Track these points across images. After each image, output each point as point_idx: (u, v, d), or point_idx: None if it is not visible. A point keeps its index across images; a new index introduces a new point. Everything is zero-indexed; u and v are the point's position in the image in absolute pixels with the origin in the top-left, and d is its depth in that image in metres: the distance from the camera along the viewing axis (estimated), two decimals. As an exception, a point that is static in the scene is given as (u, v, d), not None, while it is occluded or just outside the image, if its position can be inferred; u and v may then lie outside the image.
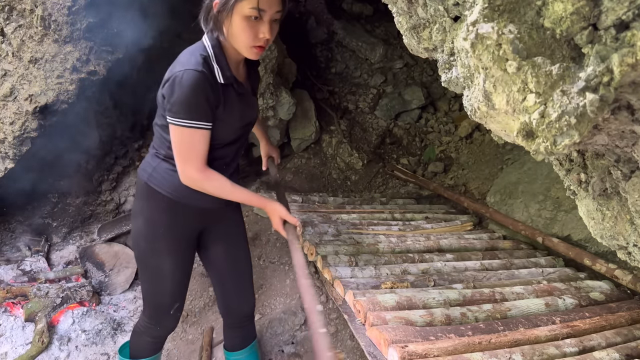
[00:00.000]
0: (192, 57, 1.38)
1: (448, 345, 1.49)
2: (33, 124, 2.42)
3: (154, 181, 1.53)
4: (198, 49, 1.42)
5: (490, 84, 0.88)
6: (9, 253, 2.80)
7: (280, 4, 1.36)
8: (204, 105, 1.36)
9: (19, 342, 2.31)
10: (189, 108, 1.34)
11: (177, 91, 1.33)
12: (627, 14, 0.69)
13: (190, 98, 1.33)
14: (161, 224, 1.57)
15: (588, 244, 2.40)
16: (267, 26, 1.35)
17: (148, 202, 1.57)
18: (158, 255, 1.61)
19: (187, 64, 1.35)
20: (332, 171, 3.84)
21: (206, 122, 1.38)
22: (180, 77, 1.33)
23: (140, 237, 1.61)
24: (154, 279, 1.65)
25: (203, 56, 1.38)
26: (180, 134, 1.38)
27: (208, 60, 1.39)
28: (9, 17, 2.27)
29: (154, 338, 1.77)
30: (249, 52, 1.40)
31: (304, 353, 2.28)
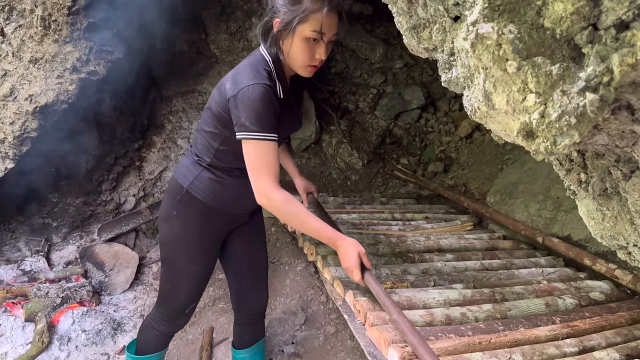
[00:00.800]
0: (257, 72, 1.40)
1: (448, 345, 1.49)
2: (33, 124, 2.42)
3: (195, 189, 1.56)
4: (261, 62, 1.44)
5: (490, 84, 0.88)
6: (9, 253, 2.80)
7: (337, 27, 1.40)
8: (273, 117, 1.38)
9: (19, 342, 2.31)
10: (262, 121, 1.35)
11: (249, 105, 1.35)
12: (627, 14, 0.69)
13: (262, 111, 1.35)
14: (197, 229, 1.61)
15: (588, 244, 2.40)
16: (324, 47, 1.40)
17: (187, 208, 1.59)
18: (190, 258, 1.64)
19: (254, 79, 1.38)
20: (332, 171, 3.84)
21: (275, 134, 1.39)
22: (250, 91, 1.36)
23: (174, 240, 1.63)
24: (179, 279, 1.68)
25: (267, 71, 1.42)
26: (254, 148, 1.37)
27: (272, 75, 1.43)
28: (9, 17, 2.27)
29: (163, 333, 1.79)
30: (303, 71, 1.46)
31: (304, 353, 2.28)
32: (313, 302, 2.52)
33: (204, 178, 1.56)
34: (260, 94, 1.35)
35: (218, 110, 1.46)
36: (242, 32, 3.29)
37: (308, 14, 1.32)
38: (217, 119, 1.47)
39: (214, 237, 1.69)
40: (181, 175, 1.60)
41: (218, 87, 1.49)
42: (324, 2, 1.32)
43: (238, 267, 1.85)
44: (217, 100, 1.47)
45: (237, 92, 1.37)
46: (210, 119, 1.51)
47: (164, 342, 1.83)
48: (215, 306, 2.63)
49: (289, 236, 2.93)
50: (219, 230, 1.69)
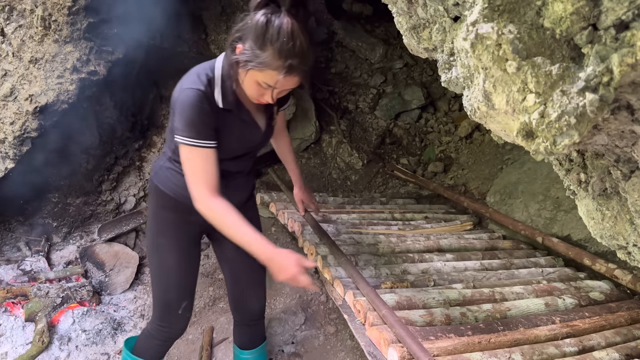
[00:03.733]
0: (198, 76, 1.38)
1: (448, 345, 1.49)
2: (33, 124, 2.42)
3: (157, 179, 1.59)
4: (206, 68, 1.41)
5: (490, 84, 0.88)
6: (9, 253, 2.80)
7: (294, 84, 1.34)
8: (206, 123, 1.35)
9: (19, 342, 2.31)
10: (192, 127, 1.33)
11: (179, 110, 1.35)
12: (627, 14, 0.69)
13: (191, 117, 1.33)
14: (164, 221, 1.62)
15: (588, 243, 2.40)
16: (273, 96, 1.35)
17: (154, 199, 1.63)
18: (162, 250, 1.64)
19: (191, 83, 1.36)
20: (332, 171, 3.84)
21: (210, 140, 1.36)
22: (183, 96, 1.35)
23: (148, 232, 1.69)
24: (160, 274, 1.68)
25: (208, 77, 1.38)
26: (187, 154, 1.37)
27: (212, 82, 1.39)
28: (9, 17, 2.27)
29: (163, 341, 1.77)
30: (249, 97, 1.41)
31: (304, 353, 2.28)
32: (313, 302, 2.52)
33: (165, 168, 1.56)
34: (190, 99, 1.32)
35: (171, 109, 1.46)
36: (242, 32, 3.30)
37: (265, 67, 1.25)
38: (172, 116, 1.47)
39: (185, 231, 1.64)
40: (152, 168, 1.68)
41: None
42: (285, 66, 1.23)
43: (233, 267, 1.82)
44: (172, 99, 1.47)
45: (175, 95, 1.38)
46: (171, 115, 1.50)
47: (162, 351, 1.81)
48: (216, 306, 2.63)
49: (289, 236, 2.93)
50: (189, 225, 1.63)
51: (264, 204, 3.04)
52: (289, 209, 2.76)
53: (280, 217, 2.77)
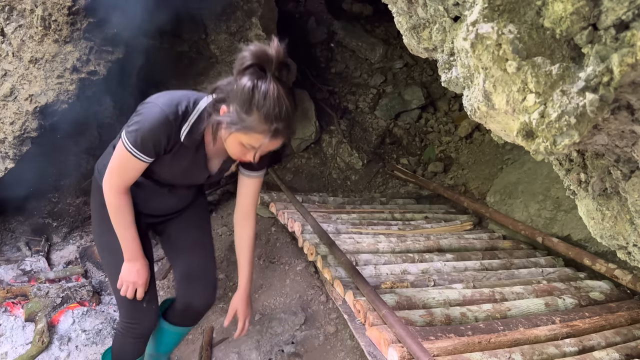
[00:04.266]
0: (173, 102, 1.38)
1: (448, 345, 1.49)
2: (33, 124, 2.42)
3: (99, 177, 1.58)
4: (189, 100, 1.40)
5: (490, 84, 0.88)
6: (9, 253, 2.80)
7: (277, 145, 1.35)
8: (154, 145, 1.37)
9: (19, 342, 2.31)
10: (141, 141, 1.36)
11: (141, 121, 1.36)
12: (627, 14, 0.69)
13: (145, 133, 1.35)
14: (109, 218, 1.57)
15: (588, 243, 2.40)
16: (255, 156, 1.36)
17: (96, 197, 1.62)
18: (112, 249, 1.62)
19: (164, 104, 1.36)
20: (332, 171, 3.84)
21: (147, 156, 1.40)
22: (150, 110, 1.36)
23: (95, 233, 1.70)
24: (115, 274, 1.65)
25: (186, 109, 1.38)
26: (122, 152, 1.40)
27: (185, 115, 1.39)
28: (9, 17, 2.27)
29: (135, 338, 1.75)
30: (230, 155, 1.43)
31: (304, 353, 2.28)
32: (313, 302, 2.52)
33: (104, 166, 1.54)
34: (155, 119, 1.33)
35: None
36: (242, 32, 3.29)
37: (250, 131, 1.26)
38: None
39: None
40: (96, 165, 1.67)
41: None
42: (270, 130, 1.24)
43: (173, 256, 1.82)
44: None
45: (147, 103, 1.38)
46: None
47: (139, 348, 1.79)
48: (215, 306, 2.63)
49: (288, 236, 2.93)
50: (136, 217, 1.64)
51: (264, 204, 3.04)
52: (289, 209, 2.76)
53: (280, 217, 2.77)
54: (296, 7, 4.86)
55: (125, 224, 1.52)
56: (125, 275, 1.59)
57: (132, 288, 1.60)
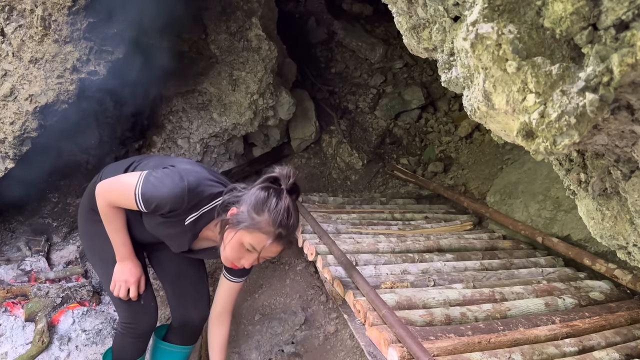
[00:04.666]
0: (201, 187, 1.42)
1: (448, 345, 1.49)
2: (33, 124, 2.42)
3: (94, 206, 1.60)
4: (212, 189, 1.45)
5: (490, 84, 0.88)
6: (9, 253, 2.80)
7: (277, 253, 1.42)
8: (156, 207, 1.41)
9: (19, 342, 2.31)
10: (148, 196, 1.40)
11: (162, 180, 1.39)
12: (627, 14, 0.69)
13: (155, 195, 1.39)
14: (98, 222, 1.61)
15: (588, 243, 2.40)
16: (253, 260, 1.42)
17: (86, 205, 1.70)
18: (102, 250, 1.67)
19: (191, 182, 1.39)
20: (332, 171, 3.84)
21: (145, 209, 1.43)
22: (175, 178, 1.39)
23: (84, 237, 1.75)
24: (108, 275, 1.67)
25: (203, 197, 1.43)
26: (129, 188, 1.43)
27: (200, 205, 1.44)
28: (9, 17, 2.27)
29: (135, 337, 1.76)
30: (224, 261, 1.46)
31: (304, 353, 2.28)
32: (313, 302, 2.52)
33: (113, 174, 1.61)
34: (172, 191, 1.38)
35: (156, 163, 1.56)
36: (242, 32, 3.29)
37: (255, 230, 1.34)
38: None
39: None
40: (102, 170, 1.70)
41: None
42: (275, 233, 1.33)
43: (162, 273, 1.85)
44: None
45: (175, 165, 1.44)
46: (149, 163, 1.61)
47: (140, 347, 1.80)
48: (215, 306, 2.64)
49: (289, 236, 2.93)
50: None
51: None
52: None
53: (280, 217, 2.76)
54: (296, 7, 4.86)
55: (117, 227, 1.55)
56: (117, 275, 1.62)
57: (124, 287, 1.62)
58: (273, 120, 3.48)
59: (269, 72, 3.26)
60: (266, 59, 3.21)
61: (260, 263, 1.47)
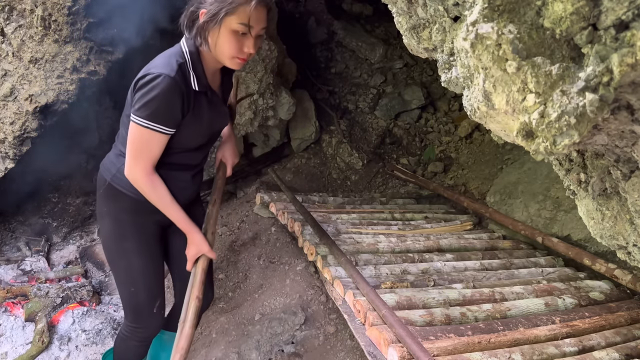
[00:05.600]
0: (168, 62, 1.38)
1: (447, 345, 1.49)
2: (33, 124, 2.42)
3: (117, 181, 1.52)
4: (174, 54, 1.42)
5: (490, 84, 0.88)
6: (9, 253, 2.80)
7: (265, 21, 1.40)
8: (171, 111, 1.37)
9: (19, 342, 2.31)
10: (156, 112, 1.35)
11: (149, 93, 1.34)
12: (627, 14, 0.69)
13: (159, 102, 1.34)
14: (125, 224, 1.57)
15: (588, 243, 2.40)
16: (252, 41, 1.38)
17: (113, 203, 1.56)
18: (128, 255, 1.60)
19: (163, 68, 1.35)
20: (332, 171, 3.84)
21: (168, 127, 1.39)
22: (154, 79, 1.34)
23: (110, 239, 1.60)
24: (128, 279, 1.63)
25: (179, 63, 1.39)
26: (139, 133, 1.38)
27: (184, 67, 1.40)
28: (9, 17, 2.27)
29: (140, 341, 1.74)
30: (231, 63, 1.43)
31: (304, 353, 2.28)
32: (313, 302, 2.52)
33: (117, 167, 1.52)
34: (165, 85, 1.33)
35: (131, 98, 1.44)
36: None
37: (236, 6, 1.31)
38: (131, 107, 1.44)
39: (149, 231, 1.63)
40: (105, 169, 1.56)
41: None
42: None
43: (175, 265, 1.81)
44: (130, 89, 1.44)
45: (143, 77, 1.36)
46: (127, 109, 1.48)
47: (142, 351, 1.78)
48: (215, 306, 2.63)
49: (289, 236, 2.93)
50: (152, 224, 1.63)
51: (264, 204, 3.04)
52: (289, 209, 2.76)
53: (280, 217, 2.77)
54: (296, 7, 4.86)
55: (167, 200, 1.49)
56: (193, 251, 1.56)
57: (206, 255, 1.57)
58: (273, 120, 3.49)
59: (269, 72, 3.26)
60: (266, 59, 3.21)
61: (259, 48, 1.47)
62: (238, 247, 2.97)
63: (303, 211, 2.62)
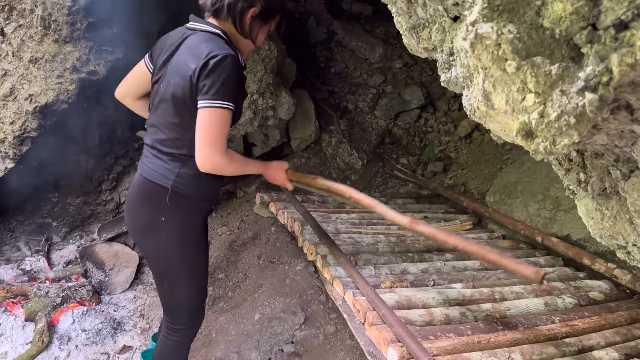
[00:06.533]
0: (220, 44, 1.43)
1: (447, 345, 1.49)
2: (33, 124, 2.42)
3: (180, 186, 1.48)
4: (215, 37, 1.47)
5: (489, 84, 0.88)
6: (9, 253, 2.80)
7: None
8: (236, 87, 1.43)
9: (19, 342, 2.31)
10: (229, 91, 1.38)
11: (222, 74, 1.36)
12: (627, 14, 0.69)
13: (231, 81, 1.38)
14: (191, 225, 1.57)
15: (587, 243, 2.40)
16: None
17: (177, 208, 1.51)
18: (194, 256, 1.61)
19: (223, 49, 1.40)
20: (332, 171, 3.84)
21: (233, 104, 1.42)
22: (223, 60, 1.36)
23: (172, 246, 1.55)
24: (190, 282, 1.62)
25: (226, 42, 1.47)
26: (216, 116, 1.37)
27: (231, 46, 1.48)
28: (9, 17, 2.27)
29: (192, 340, 1.77)
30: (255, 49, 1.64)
31: (304, 353, 2.28)
32: (313, 302, 2.52)
33: (185, 173, 1.48)
34: (233, 65, 1.38)
35: (185, 95, 1.40)
36: (242, 32, 3.30)
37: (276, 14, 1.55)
38: (185, 105, 1.42)
39: (204, 226, 1.69)
40: (160, 178, 1.49)
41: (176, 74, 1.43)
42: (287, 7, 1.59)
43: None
44: (181, 85, 1.40)
45: (205, 62, 1.36)
46: (177, 108, 1.44)
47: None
48: (216, 306, 2.64)
49: (288, 236, 2.93)
50: (205, 218, 1.70)
51: (264, 204, 3.04)
52: (289, 209, 2.76)
53: (280, 217, 2.77)
54: (296, 6, 4.85)
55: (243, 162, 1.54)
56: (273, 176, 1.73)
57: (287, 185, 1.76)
58: (273, 120, 3.48)
59: (269, 72, 3.26)
60: (266, 59, 3.21)
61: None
62: (238, 247, 2.97)
63: (303, 211, 2.62)
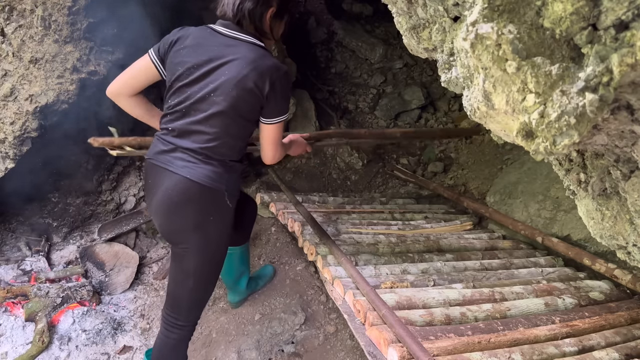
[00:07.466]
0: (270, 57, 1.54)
1: (447, 345, 1.49)
2: (33, 124, 2.42)
3: (230, 191, 1.61)
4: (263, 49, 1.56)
5: (489, 84, 0.88)
6: (9, 253, 2.80)
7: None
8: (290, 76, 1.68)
9: (19, 342, 2.31)
10: (288, 101, 1.60)
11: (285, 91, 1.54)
12: (627, 14, 0.69)
13: (289, 93, 1.58)
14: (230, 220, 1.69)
15: (587, 243, 2.40)
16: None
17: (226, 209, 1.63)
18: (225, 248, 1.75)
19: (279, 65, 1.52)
20: (332, 171, 3.84)
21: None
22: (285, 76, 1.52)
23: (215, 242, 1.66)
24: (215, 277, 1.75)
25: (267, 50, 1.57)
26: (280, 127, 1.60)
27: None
28: (9, 17, 2.27)
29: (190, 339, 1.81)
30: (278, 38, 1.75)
31: (304, 353, 2.28)
32: (313, 302, 2.52)
33: (231, 176, 1.62)
34: (288, 77, 1.55)
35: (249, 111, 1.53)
36: (242, 32, 3.30)
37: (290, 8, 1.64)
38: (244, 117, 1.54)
39: None
40: (216, 184, 1.55)
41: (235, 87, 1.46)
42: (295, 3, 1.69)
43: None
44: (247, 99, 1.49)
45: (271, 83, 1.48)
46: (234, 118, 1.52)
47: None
48: (216, 306, 2.64)
49: (288, 236, 2.93)
50: None
51: (263, 204, 3.04)
52: (289, 209, 2.76)
53: (280, 217, 2.77)
54: (296, 6, 4.86)
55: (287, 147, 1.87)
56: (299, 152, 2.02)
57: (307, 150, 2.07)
58: (273, 120, 3.48)
59: (269, 72, 3.26)
60: (266, 59, 3.20)
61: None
62: (238, 247, 2.97)
63: (303, 211, 2.62)
